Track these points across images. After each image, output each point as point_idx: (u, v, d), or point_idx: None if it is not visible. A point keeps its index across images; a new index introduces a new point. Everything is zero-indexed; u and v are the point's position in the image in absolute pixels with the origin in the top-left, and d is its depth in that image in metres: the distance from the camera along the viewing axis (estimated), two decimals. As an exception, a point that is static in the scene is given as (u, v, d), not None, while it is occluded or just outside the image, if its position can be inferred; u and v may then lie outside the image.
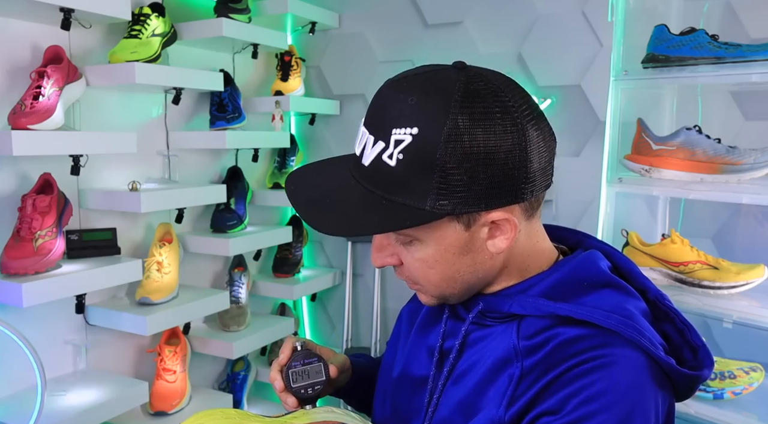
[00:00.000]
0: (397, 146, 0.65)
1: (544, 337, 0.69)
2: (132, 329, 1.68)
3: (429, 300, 0.78)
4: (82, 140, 1.54)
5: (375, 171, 0.67)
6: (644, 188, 1.56)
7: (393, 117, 0.66)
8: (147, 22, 1.73)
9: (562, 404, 0.64)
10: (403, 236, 0.71)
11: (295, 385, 0.84)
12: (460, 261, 0.71)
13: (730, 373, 1.44)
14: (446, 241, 0.69)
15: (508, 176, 0.65)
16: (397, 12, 2.25)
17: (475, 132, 0.63)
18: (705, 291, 1.46)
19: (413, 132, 0.64)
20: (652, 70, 1.54)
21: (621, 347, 0.66)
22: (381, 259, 0.75)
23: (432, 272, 0.72)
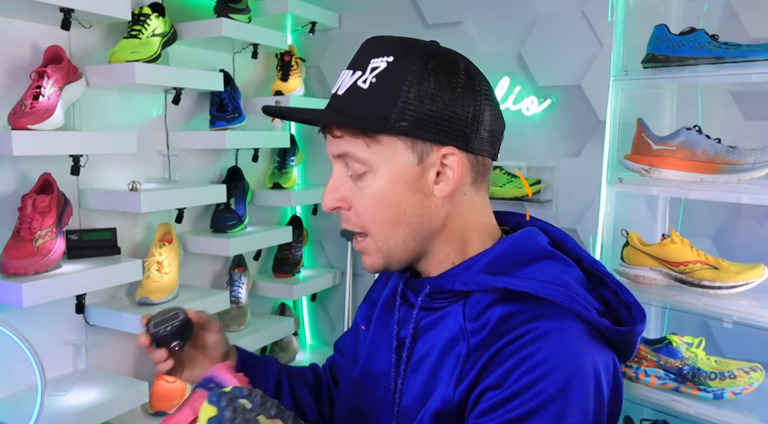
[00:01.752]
0: (372, 72, 0.72)
1: (487, 315, 0.72)
2: (132, 329, 1.67)
3: (373, 261, 0.78)
4: (82, 140, 1.54)
5: (347, 96, 0.73)
6: (644, 188, 1.56)
7: (372, 52, 0.74)
8: (147, 22, 1.72)
9: (504, 377, 0.67)
10: (359, 166, 0.73)
11: (155, 329, 0.88)
12: (408, 199, 0.74)
13: (730, 373, 1.44)
14: (398, 171, 0.73)
15: (461, 120, 0.73)
16: (397, 12, 2.25)
17: (440, 78, 0.72)
18: (705, 291, 1.46)
19: (389, 59, 0.72)
20: (652, 70, 1.54)
21: (557, 317, 0.69)
22: (332, 200, 0.77)
23: (380, 208, 0.74)
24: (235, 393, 0.67)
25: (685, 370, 1.47)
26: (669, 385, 1.50)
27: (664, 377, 1.50)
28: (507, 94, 2.05)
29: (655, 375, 1.51)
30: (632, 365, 1.54)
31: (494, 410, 0.66)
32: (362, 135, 0.72)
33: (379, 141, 0.73)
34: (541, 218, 0.86)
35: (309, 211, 2.50)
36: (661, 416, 1.55)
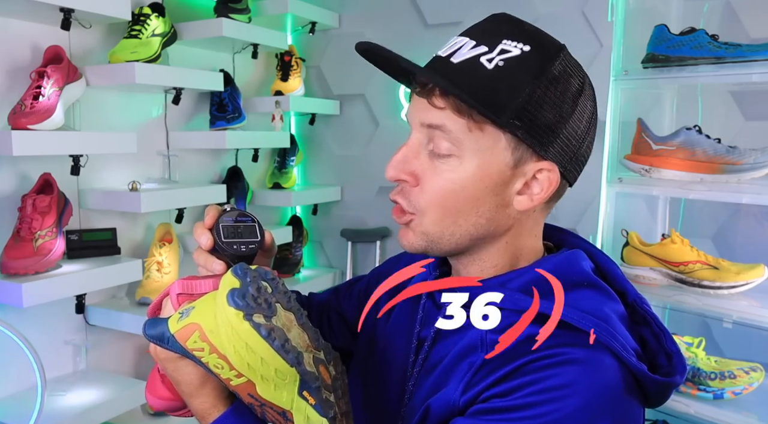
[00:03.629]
0: (502, 54, 0.65)
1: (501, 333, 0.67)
2: (132, 329, 1.68)
3: (414, 240, 0.72)
4: (82, 140, 1.54)
5: (464, 69, 0.66)
6: (644, 188, 1.56)
7: (507, 31, 0.67)
8: (147, 22, 1.72)
9: (515, 389, 0.63)
10: (448, 145, 0.67)
11: (227, 240, 0.72)
12: (486, 198, 0.68)
13: (730, 373, 1.44)
14: (490, 167, 0.67)
15: (570, 139, 0.68)
16: (397, 12, 2.25)
17: (567, 88, 0.67)
18: (705, 291, 1.46)
19: (525, 48, 0.65)
20: (652, 70, 1.54)
21: (591, 349, 0.63)
22: (398, 171, 0.70)
23: (453, 197, 0.68)
24: (261, 273, 0.64)
25: (685, 370, 1.47)
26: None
27: (664, 377, 1.50)
28: (507, 94, 2.04)
29: (655, 375, 1.50)
30: (632, 365, 1.54)
31: (492, 413, 0.64)
32: (468, 117, 0.65)
33: (482, 129, 0.66)
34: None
35: (309, 211, 2.50)
36: (661, 416, 1.55)
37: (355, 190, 2.44)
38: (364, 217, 2.41)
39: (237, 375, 0.62)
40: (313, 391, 0.64)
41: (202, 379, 0.68)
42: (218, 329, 0.61)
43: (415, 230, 0.71)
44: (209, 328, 0.62)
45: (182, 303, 0.67)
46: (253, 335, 0.60)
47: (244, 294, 0.61)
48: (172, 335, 0.64)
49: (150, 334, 0.66)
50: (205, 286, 0.68)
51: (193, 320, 0.63)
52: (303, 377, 0.63)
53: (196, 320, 0.62)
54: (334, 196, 2.45)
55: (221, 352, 0.61)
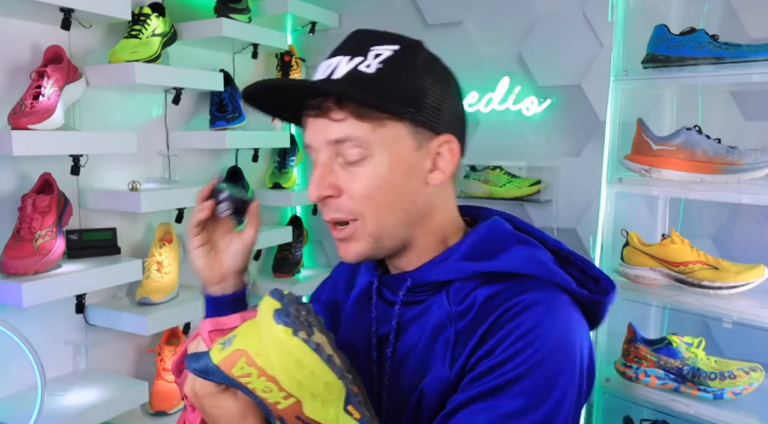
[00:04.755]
0: (377, 58, 0.73)
1: (471, 299, 0.75)
2: (132, 329, 1.68)
3: (361, 247, 0.77)
4: (82, 140, 1.54)
5: (349, 79, 0.72)
6: (644, 188, 1.56)
7: (372, 40, 0.75)
8: (147, 22, 1.72)
9: (495, 346, 0.69)
10: (358, 150, 0.72)
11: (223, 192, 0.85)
12: (406, 184, 0.75)
13: (730, 373, 1.44)
14: (399, 155, 0.74)
15: (454, 113, 0.77)
16: (397, 12, 2.25)
17: (438, 72, 0.77)
18: (705, 291, 1.46)
19: (394, 48, 0.74)
20: (652, 70, 1.54)
21: (542, 289, 0.73)
22: (320, 188, 0.75)
23: (379, 192, 0.74)
24: (295, 297, 0.67)
25: (685, 370, 1.47)
26: (669, 385, 1.50)
27: (664, 378, 1.50)
28: (507, 94, 2.04)
29: (655, 375, 1.51)
30: (632, 365, 1.54)
31: (485, 375, 0.69)
32: (369, 118, 0.71)
33: (384, 125, 0.72)
34: (542, 218, 0.88)
35: (309, 211, 2.50)
36: (661, 416, 1.55)
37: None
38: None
39: (285, 396, 0.63)
40: (357, 405, 0.65)
41: (243, 412, 0.68)
42: (266, 350, 0.62)
43: (358, 237, 0.76)
44: (256, 351, 0.62)
45: (215, 339, 0.68)
46: (304, 349, 0.61)
47: (288, 313, 0.63)
48: (216, 366, 0.63)
49: (194, 367, 0.65)
50: (234, 320, 0.71)
51: (238, 346, 0.63)
52: (348, 392, 0.64)
53: (241, 346, 0.63)
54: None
55: (270, 373, 0.62)
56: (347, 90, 0.72)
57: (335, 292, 0.95)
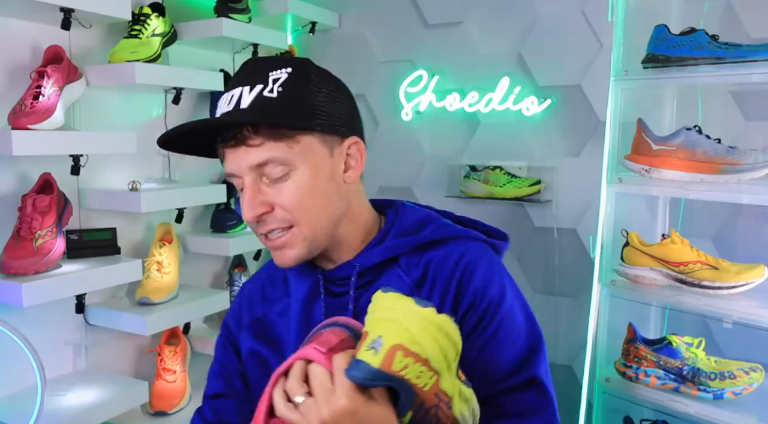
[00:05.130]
0: (275, 83, 0.80)
1: (422, 266, 0.87)
2: (132, 329, 1.68)
3: (297, 252, 0.84)
4: (82, 140, 1.54)
5: (256, 107, 0.79)
6: (644, 188, 1.56)
7: (267, 67, 0.82)
8: (147, 22, 1.72)
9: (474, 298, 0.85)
10: (281, 168, 0.80)
11: None
12: (328, 187, 0.84)
13: (730, 373, 1.44)
14: (317, 164, 0.82)
15: (352, 116, 0.88)
16: (397, 12, 2.25)
17: (329, 83, 0.85)
18: (705, 291, 1.46)
19: (288, 70, 0.82)
20: (652, 70, 1.54)
21: (474, 246, 0.90)
22: (255, 208, 0.81)
23: (309, 200, 0.82)
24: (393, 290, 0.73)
25: (685, 370, 1.47)
26: (669, 385, 1.50)
27: (664, 378, 1.50)
28: (507, 94, 2.05)
29: (655, 375, 1.51)
30: (632, 365, 1.54)
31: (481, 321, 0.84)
32: (284, 138, 0.79)
33: (298, 141, 0.81)
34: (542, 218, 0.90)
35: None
36: (661, 416, 1.55)
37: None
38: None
39: (431, 375, 0.66)
40: (461, 367, 0.71)
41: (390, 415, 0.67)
42: (417, 336, 0.65)
43: (293, 243, 0.84)
44: (409, 340, 0.65)
45: (332, 358, 0.67)
46: (449, 322, 0.68)
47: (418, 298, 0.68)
48: (379, 369, 0.64)
49: (360, 376, 0.64)
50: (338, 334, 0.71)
51: (391, 343, 0.65)
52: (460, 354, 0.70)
53: (394, 341, 0.65)
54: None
55: (423, 357, 0.65)
56: (258, 117, 0.79)
57: (253, 310, 0.98)
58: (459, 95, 2.12)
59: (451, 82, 2.14)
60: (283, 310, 0.94)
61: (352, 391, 0.65)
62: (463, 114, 2.14)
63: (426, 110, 2.19)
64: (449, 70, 2.14)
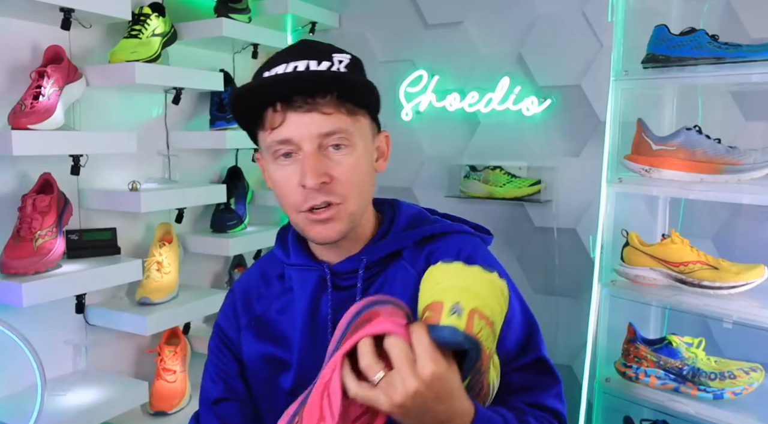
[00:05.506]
0: (341, 63, 0.83)
1: (424, 258, 0.90)
2: (132, 329, 1.68)
3: (341, 227, 0.85)
4: (82, 140, 1.54)
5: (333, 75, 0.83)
6: (644, 188, 1.56)
7: (328, 47, 0.86)
8: (147, 22, 1.72)
9: None
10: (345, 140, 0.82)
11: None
12: (370, 171, 0.88)
13: (730, 373, 1.44)
14: (367, 145, 0.86)
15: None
16: (397, 12, 2.25)
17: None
18: (705, 291, 1.46)
19: (348, 56, 0.86)
20: (652, 70, 1.54)
21: (468, 239, 0.94)
22: (317, 176, 0.81)
23: (360, 177, 0.85)
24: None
25: (685, 370, 1.47)
26: (669, 385, 1.50)
27: (664, 378, 1.50)
28: (507, 94, 2.05)
29: (655, 375, 1.51)
30: (632, 365, 1.54)
31: None
32: (351, 113, 0.83)
33: (358, 120, 0.84)
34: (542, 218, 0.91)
35: (309, 211, 2.50)
36: (661, 416, 1.55)
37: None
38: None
39: (493, 339, 0.71)
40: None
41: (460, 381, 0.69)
42: (488, 299, 0.69)
43: (339, 217, 0.84)
44: (482, 304, 0.68)
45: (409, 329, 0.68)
46: (505, 287, 0.72)
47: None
48: (464, 332, 0.66)
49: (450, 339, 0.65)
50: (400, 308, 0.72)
51: (470, 307, 0.67)
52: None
53: (471, 306, 0.67)
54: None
55: (491, 320, 0.69)
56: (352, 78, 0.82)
57: (250, 309, 0.97)
58: (459, 95, 2.12)
59: (451, 82, 2.14)
60: (283, 307, 0.94)
61: (437, 356, 0.65)
62: (463, 114, 2.14)
63: (426, 110, 2.19)
64: (449, 70, 2.14)
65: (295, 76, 0.80)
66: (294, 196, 0.84)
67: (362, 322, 0.71)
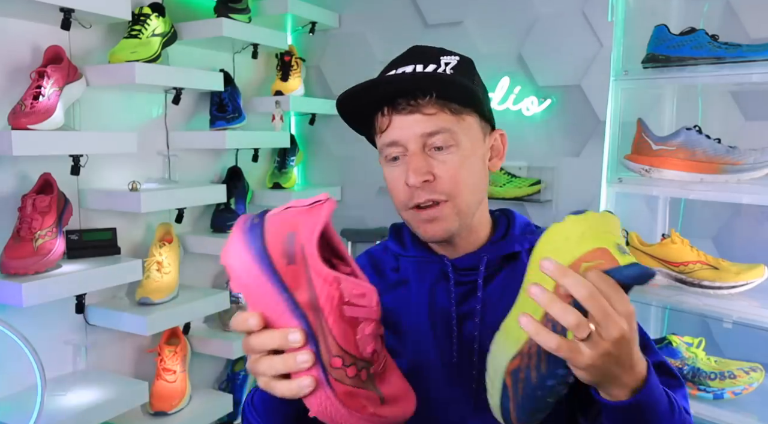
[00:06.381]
0: (447, 65, 0.86)
1: None
2: (132, 329, 1.68)
3: (448, 225, 0.85)
4: (82, 140, 1.54)
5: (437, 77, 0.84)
6: (644, 188, 1.56)
7: (437, 50, 0.88)
8: (147, 22, 1.72)
9: None
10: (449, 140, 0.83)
11: None
12: (481, 169, 0.88)
13: (730, 373, 1.44)
14: (475, 144, 0.87)
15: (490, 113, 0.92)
16: (397, 12, 2.25)
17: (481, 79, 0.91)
18: (705, 291, 1.46)
19: (457, 58, 0.88)
20: (652, 70, 1.54)
21: None
22: (420, 174, 0.83)
23: (467, 175, 0.85)
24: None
25: (685, 370, 1.47)
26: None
27: (664, 377, 1.50)
28: (507, 94, 2.05)
29: (655, 375, 1.50)
30: (632, 365, 1.54)
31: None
32: (454, 112, 0.84)
33: (464, 119, 0.85)
34: (542, 218, 0.91)
35: (309, 211, 2.50)
36: (661, 416, 1.54)
37: (355, 190, 2.44)
38: (364, 217, 2.41)
39: None
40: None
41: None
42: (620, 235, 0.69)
43: (447, 216, 0.85)
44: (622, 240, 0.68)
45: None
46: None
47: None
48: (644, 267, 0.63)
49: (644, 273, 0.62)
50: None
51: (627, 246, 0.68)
52: None
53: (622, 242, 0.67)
54: (334, 196, 2.45)
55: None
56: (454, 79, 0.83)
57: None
58: (459, 95, 2.12)
59: (451, 82, 2.14)
60: (397, 297, 0.93)
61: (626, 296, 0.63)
62: (463, 114, 2.14)
63: (426, 110, 2.19)
64: (449, 70, 2.14)
65: (392, 78, 0.84)
66: (401, 195, 0.86)
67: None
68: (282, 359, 0.62)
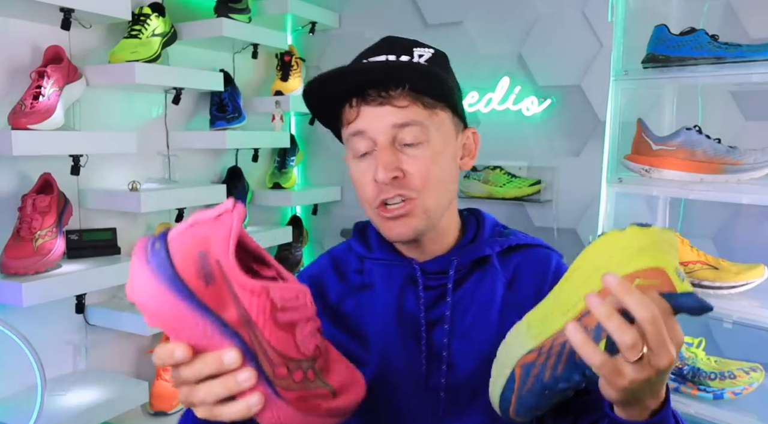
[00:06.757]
0: (421, 57, 0.82)
1: (512, 268, 0.88)
2: (132, 329, 1.68)
3: (416, 223, 0.82)
4: (82, 140, 1.54)
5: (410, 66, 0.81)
6: (644, 188, 1.56)
7: (410, 42, 0.84)
8: (147, 22, 1.72)
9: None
10: (419, 135, 0.80)
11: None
12: (452, 165, 0.85)
13: (730, 373, 1.44)
14: (446, 140, 0.83)
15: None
16: (397, 12, 2.25)
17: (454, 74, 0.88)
18: (705, 291, 1.46)
19: (431, 51, 0.84)
20: (652, 70, 1.54)
21: (553, 255, 0.92)
22: (389, 170, 0.79)
23: (437, 172, 0.81)
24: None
25: (685, 370, 1.47)
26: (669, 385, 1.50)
27: (664, 377, 1.50)
28: (507, 94, 2.05)
29: (655, 375, 1.50)
30: (632, 365, 1.54)
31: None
32: (427, 106, 0.80)
33: (437, 113, 0.81)
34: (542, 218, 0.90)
35: (309, 211, 2.50)
36: (661, 416, 1.55)
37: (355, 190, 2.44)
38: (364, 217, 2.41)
39: None
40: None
41: None
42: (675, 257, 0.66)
43: (414, 213, 0.82)
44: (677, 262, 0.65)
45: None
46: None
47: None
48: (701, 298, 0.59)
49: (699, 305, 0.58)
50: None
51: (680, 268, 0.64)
52: None
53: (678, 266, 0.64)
54: (334, 196, 2.45)
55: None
56: (436, 71, 0.79)
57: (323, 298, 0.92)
58: (459, 95, 2.12)
59: (451, 82, 2.14)
60: (361, 302, 0.89)
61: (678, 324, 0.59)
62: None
63: (426, 110, 2.19)
64: (449, 70, 2.14)
65: (363, 66, 0.79)
66: (368, 192, 0.82)
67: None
68: (221, 382, 0.57)
